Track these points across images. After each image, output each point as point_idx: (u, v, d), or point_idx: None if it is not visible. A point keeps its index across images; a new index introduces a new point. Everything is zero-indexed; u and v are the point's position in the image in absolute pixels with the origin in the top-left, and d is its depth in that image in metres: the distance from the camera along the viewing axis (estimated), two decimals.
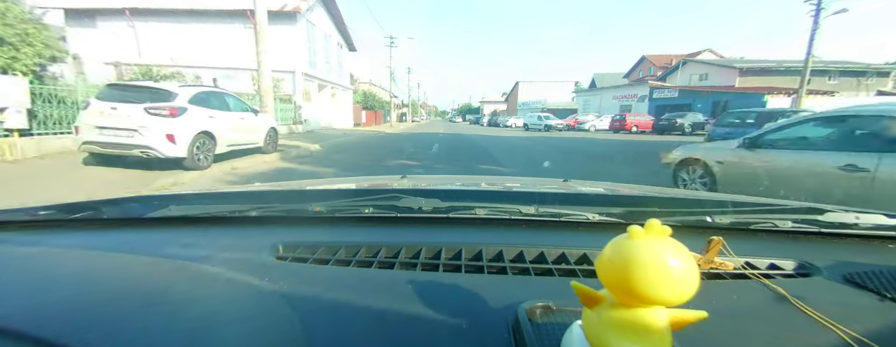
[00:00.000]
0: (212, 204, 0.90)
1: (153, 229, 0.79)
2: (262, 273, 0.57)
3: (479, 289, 0.52)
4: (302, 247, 0.67)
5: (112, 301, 0.49)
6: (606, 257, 0.31)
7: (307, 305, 0.48)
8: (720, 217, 0.78)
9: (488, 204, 0.85)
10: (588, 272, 0.59)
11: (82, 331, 0.42)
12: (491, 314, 0.46)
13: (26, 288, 0.53)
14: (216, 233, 0.76)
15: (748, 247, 0.66)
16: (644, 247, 0.29)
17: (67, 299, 0.49)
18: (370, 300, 0.50)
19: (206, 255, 0.64)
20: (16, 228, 0.80)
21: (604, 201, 1.01)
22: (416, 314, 0.47)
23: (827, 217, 0.77)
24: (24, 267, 0.61)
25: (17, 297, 0.50)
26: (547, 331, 0.40)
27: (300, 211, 0.84)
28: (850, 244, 0.73)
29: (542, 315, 0.44)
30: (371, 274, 0.58)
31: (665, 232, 0.29)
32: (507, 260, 0.64)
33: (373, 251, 0.66)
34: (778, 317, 0.47)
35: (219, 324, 0.45)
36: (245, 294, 0.52)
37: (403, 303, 0.49)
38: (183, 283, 0.55)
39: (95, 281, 0.56)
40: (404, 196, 0.87)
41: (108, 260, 0.64)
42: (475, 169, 7.20)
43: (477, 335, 0.43)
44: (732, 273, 0.58)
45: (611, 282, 0.30)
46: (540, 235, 0.73)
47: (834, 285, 0.56)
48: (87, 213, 0.83)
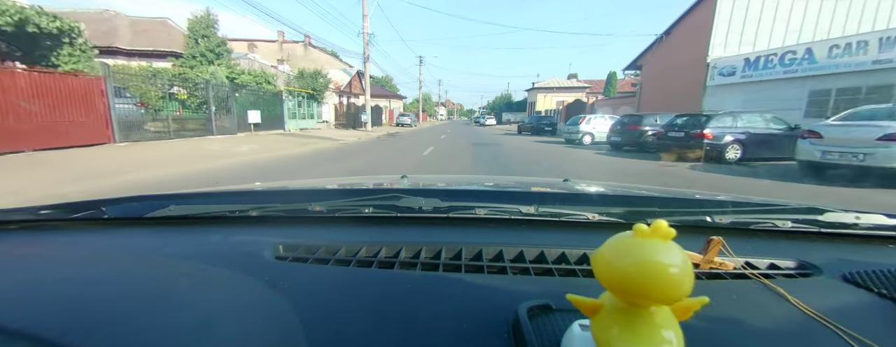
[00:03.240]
0: (212, 204, 0.90)
1: (153, 229, 0.79)
2: (262, 273, 0.57)
3: (479, 289, 0.52)
4: (302, 247, 0.67)
5: (112, 300, 0.49)
6: (605, 257, 0.30)
7: (307, 305, 0.48)
8: (720, 217, 0.78)
9: (488, 204, 0.85)
10: (588, 272, 0.59)
11: (83, 331, 0.42)
12: (491, 314, 0.46)
13: (27, 288, 0.53)
14: (216, 233, 0.76)
15: (748, 247, 0.66)
16: (644, 247, 0.29)
17: (68, 299, 0.49)
18: (370, 300, 0.50)
19: (206, 255, 0.64)
20: (16, 228, 0.80)
21: (604, 201, 1.01)
22: (415, 314, 0.47)
23: (827, 217, 0.77)
24: (24, 267, 0.62)
25: (18, 297, 0.50)
26: (547, 331, 0.40)
27: (300, 211, 0.84)
28: (850, 244, 0.73)
29: (542, 315, 0.44)
30: (371, 274, 0.58)
31: (670, 234, 0.29)
32: (507, 259, 0.64)
33: (373, 251, 0.66)
34: (778, 317, 0.47)
35: (219, 324, 0.45)
36: (245, 294, 0.52)
37: (403, 303, 0.49)
38: (183, 283, 0.55)
39: (96, 281, 0.56)
40: (404, 196, 0.87)
41: (109, 259, 0.64)
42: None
43: (477, 335, 0.43)
44: (732, 273, 0.58)
45: (609, 282, 0.30)
46: (540, 235, 0.73)
47: (834, 285, 0.56)
48: (88, 213, 0.83)
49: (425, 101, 62.77)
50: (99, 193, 3.14)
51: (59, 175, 5.26)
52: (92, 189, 4.64)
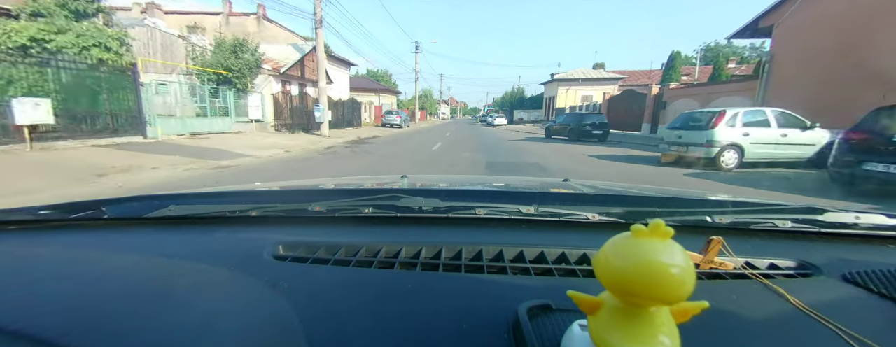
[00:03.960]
0: (212, 204, 0.90)
1: (153, 229, 0.79)
2: (262, 273, 0.57)
3: (479, 289, 0.52)
4: (302, 247, 0.67)
5: (112, 300, 0.49)
6: (606, 257, 0.30)
7: (307, 305, 0.48)
8: (720, 217, 0.78)
9: (488, 204, 0.85)
10: (588, 272, 0.59)
11: (83, 331, 0.42)
12: (491, 314, 0.46)
13: (27, 288, 0.53)
14: (216, 233, 0.76)
15: (748, 247, 0.66)
16: (645, 247, 0.29)
17: (68, 299, 0.49)
18: (370, 300, 0.50)
19: (206, 255, 0.64)
20: (16, 228, 0.80)
21: (604, 201, 1.01)
22: (415, 313, 0.47)
23: (827, 217, 0.77)
24: (24, 267, 0.62)
25: (18, 297, 0.50)
26: (547, 331, 0.40)
27: (300, 211, 0.84)
28: (850, 244, 0.73)
29: (542, 315, 0.44)
30: (371, 274, 0.58)
31: (668, 233, 0.29)
32: (507, 259, 0.64)
33: (373, 251, 0.66)
34: (778, 317, 0.47)
35: (219, 324, 0.45)
36: (245, 294, 0.52)
37: (403, 303, 0.49)
38: (183, 283, 0.55)
39: (96, 281, 0.56)
40: (404, 196, 0.87)
41: (109, 259, 0.64)
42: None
43: (477, 335, 0.43)
44: (732, 273, 0.58)
45: (610, 282, 0.30)
46: (540, 235, 0.73)
47: (834, 285, 0.56)
48: (88, 213, 0.83)
49: (425, 98, 55.99)
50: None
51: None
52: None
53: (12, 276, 0.58)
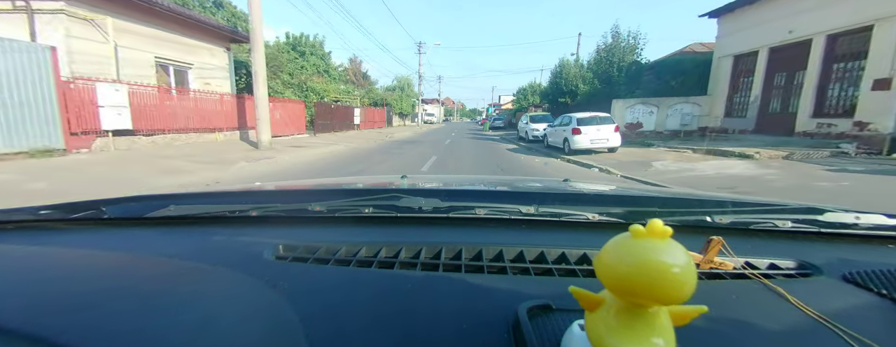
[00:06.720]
0: (212, 204, 0.90)
1: (153, 229, 0.79)
2: (262, 273, 0.57)
3: (479, 289, 0.52)
4: (302, 247, 0.67)
5: (112, 300, 0.49)
6: (606, 257, 0.31)
7: (307, 305, 0.48)
8: (720, 217, 0.78)
9: (488, 204, 0.85)
10: (588, 272, 0.59)
11: (83, 330, 0.42)
12: (491, 314, 0.46)
13: (27, 288, 0.53)
14: (216, 233, 0.76)
15: (748, 247, 0.66)
16: (646, 247, 0.29)
17: (68, 298, 0.49)
18: (370, 299, 0.50)
19: (206, 255, 0.64)
20: (16, 228, 0.80)
21: (604, 201, 1.01)
22: (415, 313, 0.47)
23: (827, 217, 0.77)
24: (24, 267, 0.61)
25: (18, 296, 0.50)
26: (547, 331, 0.40)
27: (300, 211, 0.84)
28: (850, 244, 0.73)
29: (542, 315, 0.44)
30: (371, 274, 0.58)
31: (666, 233, 0.29)
32: (507, 259, 0.64)
33: (373, 251, 0.66)
34: (778, 317, 0.47)
35: (219, 324, 0.45)
36: (245, 294, 0.52)
37: (403, 303, 0.49)
38: (183, 283, 0.55)
39: (96, 281, 0.56)
40: (404, 196, 0.87)
41: (109, 259, 0.64)
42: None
43: (477, 335, 0.43)
44: (732, 273, 0.58)
45: (611, 282, 0.30)
46: (540, 235, 0.73)
47: (834, 285, 0.56)
48: (88, 213, 0.83)
49: (402, 90, 35.60)
50: None
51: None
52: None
53: (12, 276, 0.58)
